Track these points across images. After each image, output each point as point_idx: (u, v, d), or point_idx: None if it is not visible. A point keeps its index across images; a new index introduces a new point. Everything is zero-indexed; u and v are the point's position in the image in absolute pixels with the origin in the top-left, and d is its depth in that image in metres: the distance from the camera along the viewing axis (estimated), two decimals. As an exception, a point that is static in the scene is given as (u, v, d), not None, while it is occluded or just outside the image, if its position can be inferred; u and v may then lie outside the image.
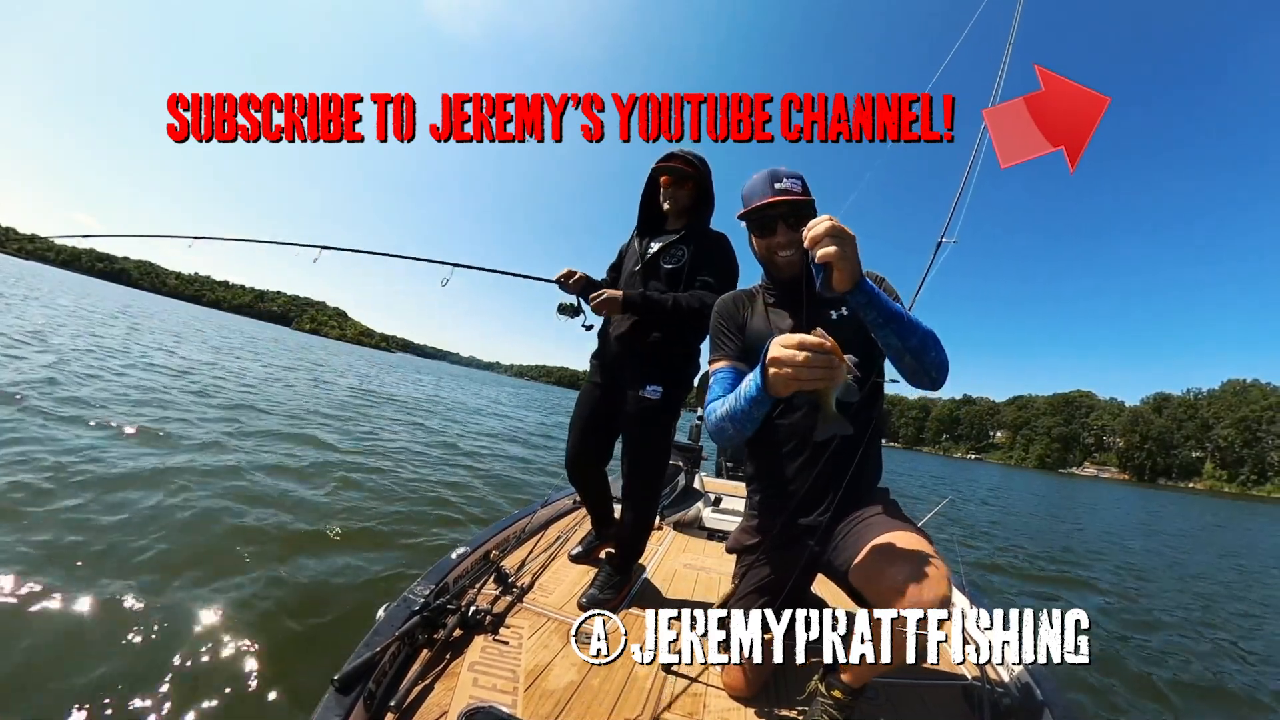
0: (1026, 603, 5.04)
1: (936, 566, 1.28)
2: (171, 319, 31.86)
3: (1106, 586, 6.18)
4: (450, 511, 4.70)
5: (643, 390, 2.09)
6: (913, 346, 1.36)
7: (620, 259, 2.41)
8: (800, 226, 1.40)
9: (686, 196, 2.16)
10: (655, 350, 2.11)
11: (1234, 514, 29.43)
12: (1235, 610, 5.96)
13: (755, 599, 1.65)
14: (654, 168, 2.19)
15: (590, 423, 2.29)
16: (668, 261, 2.14)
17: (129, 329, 16.68)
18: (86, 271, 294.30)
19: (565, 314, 2.32)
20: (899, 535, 1.40)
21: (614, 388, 2.23)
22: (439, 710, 1.37)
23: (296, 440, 6.14)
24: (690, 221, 2.19)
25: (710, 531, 3.54)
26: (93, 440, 4.40)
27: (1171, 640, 4.44)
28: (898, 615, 1.20)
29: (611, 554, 2.27)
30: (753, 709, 1.60)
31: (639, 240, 2.27)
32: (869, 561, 1.40)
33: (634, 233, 2.34)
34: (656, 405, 2.11)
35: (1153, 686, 3.42)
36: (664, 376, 2.12)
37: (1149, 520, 17.71)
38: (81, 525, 2.95)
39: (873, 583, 1.36)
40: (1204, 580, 7.61)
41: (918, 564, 1.30)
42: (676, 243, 2.15)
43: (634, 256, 2.24)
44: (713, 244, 2.17)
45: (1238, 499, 71.05)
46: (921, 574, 1.27)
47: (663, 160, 2.16)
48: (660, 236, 2.21)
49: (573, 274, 2.27)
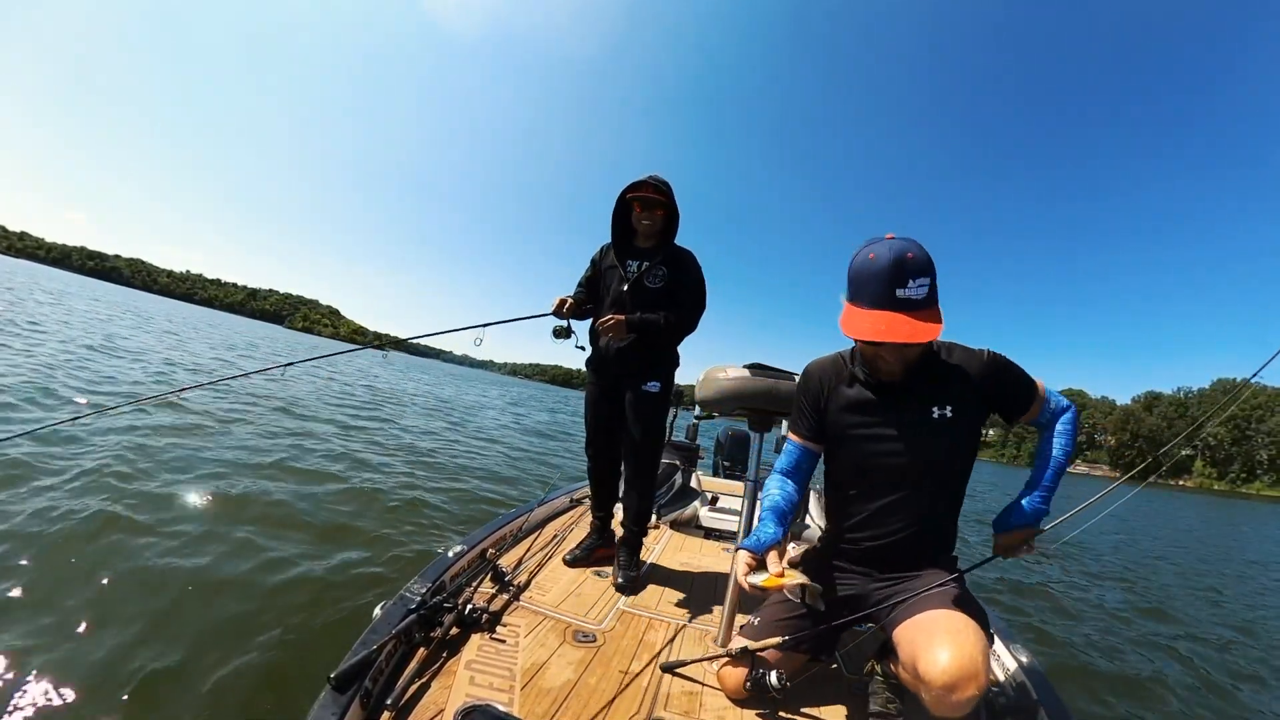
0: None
1: (979, 674, 1.26)
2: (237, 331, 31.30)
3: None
4: (446, 512, 4.69)
5: (645, 386, 2.50)
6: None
7: (595, 270, 2.67)
8: (913, 344, 1.45)
9: (659, 220, 2.49)
10: (653, 356, 2.53)
11: (1246, 514, 29.59)
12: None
13: (784, 609, 1.68)
14: (624, 194, 2.48)
15: (600, 414, 2.64)
16: (651, 282, 2.49)
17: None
18: (77, 270, 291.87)
19: (560, 337, 2.62)
20: (951, 617, 1.39)
21: (614, 386, 2.57)
22: (435, 709, 1.37)
23: (300, 436, 6.12)
24: (662, 242, 2.54)
25: (707, 530, 3.54)
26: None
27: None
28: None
29: (622, 535, 2.59)
30: (748, 709, 1.60)
31: (619, 261, 2.55)
32: (913, 634, 1.40)
33: (609, 250, 2.62)
34: (656, 396, 2.52)
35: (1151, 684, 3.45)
36: (661, 374, 2.53)
37: (1158, 520, 17.80)
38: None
39: (912, 662, 1.36)
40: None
41: (961, 654, 1.28)
42: (657, 264, 2.49)
43: (618, 278, 2.53)
44: (685, 265, 2.53)
45: (1227, 496, 71.65)
46: (961, 668, 1.26)
47: (632, 189, 2.46)
48: (637, 256, 2.53)
49: (564, 301, 2.58)
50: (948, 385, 1.55)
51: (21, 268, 78.23)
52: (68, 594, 2.35)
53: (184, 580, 2.61)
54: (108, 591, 2.44)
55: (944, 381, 1.56)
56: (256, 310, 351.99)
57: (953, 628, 1.34)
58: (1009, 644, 1.93)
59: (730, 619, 1.97)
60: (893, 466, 1.57)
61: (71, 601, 2.31)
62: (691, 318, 2.50)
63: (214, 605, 2.47)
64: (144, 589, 2.49)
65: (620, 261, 2.54)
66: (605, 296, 2.56)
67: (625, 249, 2.57)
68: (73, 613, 2.23)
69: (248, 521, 3.44)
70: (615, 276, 2.54)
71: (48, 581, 2.41)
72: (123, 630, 2.18)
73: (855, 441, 1.63)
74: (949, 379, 1.56)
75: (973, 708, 1.26)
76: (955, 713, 1.26)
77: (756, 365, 2.88)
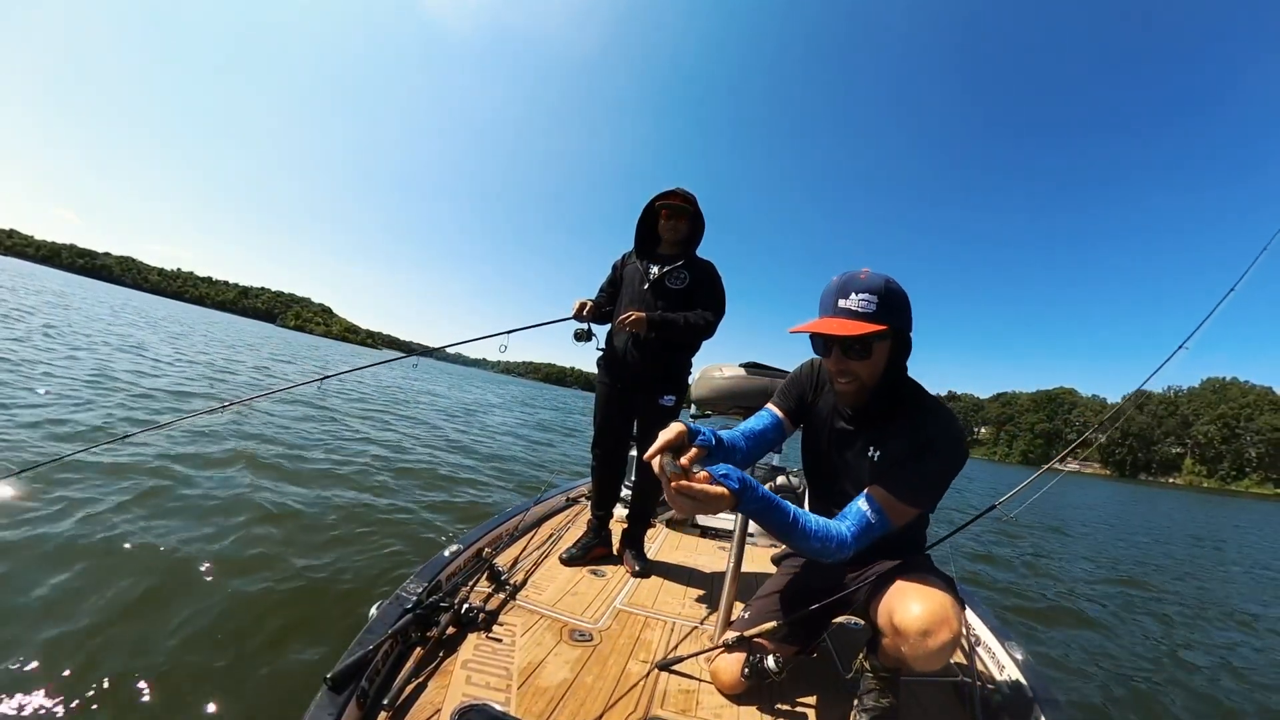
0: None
1: (951, 619, 1.34)
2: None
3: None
4: (442, 511, 4.68)
5: (661, 399, 2.57)
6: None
7: (616, 274, 2.76)
8: (862, 358, 1.44)
9: (685, 229, 2.61)
10: (669, 368, 2.59)
11: (1243, 512, 29.93)
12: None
13: (773, 601, 1.74)
14: (653, 201, 2.60)
15: (610, 415, 2.70)
16: (673, 283, 2.57)
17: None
18: (67, 267, 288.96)
19: (581, 340, 2.70)
20: (920, 578, 1.47)
21: (626, 389, 2.63)
22: (432, 708, 1.36)
23: (295, 437, 6.09)
24: (686, 249, 2.65)
25: (703, 529, 3.54)
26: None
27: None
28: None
29: (628, 531, 2.72)
30: (744, 706, 1.61)
31: (641, 262, 2.64)
32: (888, 600, 1.46)
33: (632, 254, 2.72)
34: (671, 409, 2.60)
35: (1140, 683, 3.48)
36: (675, 389, 2.62)
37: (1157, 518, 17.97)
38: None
39: (889, 621, 1.42)
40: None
41: (932, 603, 1.36)
42: (679, 268, 2.58)
43: (639, 277, 2.61)
44: (706, 273, 2.62)
45: (1216, 494, 72.37)
46: (933, 614, 1.34)
47: (662, 197, 2.58)
48: (660, 260, 2.62)
49: (584, 304, 2.67)
50: (888, 429, 1.54)
51: (10, 265, 77.40)
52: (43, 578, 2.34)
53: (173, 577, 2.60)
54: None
55: (889, 424, 1.54)
56: (248, 309, 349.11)
57: (922, 584, 1.43)
58: (1004, 641, 1.94)
59: (726, 616, 1.98)
60: (838, 491, 1.63)
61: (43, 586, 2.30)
62: (710, 322, 2.56)
63: (204, 603, 2.45)
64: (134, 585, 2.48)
65: (643, 264, 2.63)
66: (625, 295, 2.64)
67: (649, 254, 2.66)
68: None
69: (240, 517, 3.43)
70: (637, 276, 2.62)
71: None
72: (123, 628, 2.17)
73: (811, 448, 1.74)
74: (893, 424, 1.54)
75: (949, 653, 1.33)
76: (935, 660, 1.33)
77: (752, 364, 2.89)
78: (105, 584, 2.46)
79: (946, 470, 1.46)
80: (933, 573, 1.53)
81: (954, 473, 1.48)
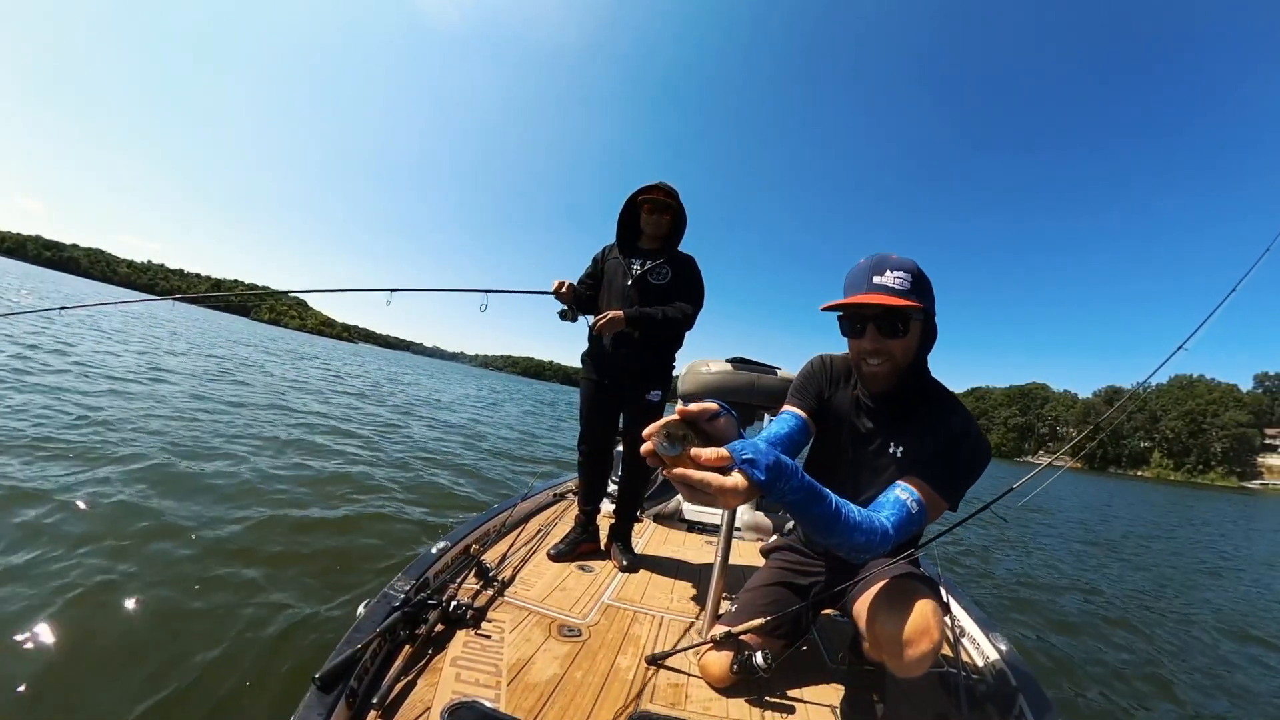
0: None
1: (931, 629, 1.33)
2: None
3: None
4: (440, 511, 4.64)
5: (648, 395, 2.60)
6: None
7: (597, 267, 2.75)
8: (897, 335, 1.39)
9: (666, 224, 2.63)
10: (655, 365, 2.63)
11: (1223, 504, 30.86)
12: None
13: (760, 594, 1.76)
14: (634, 196, 2.61)
15: (596, 411, 2.71)
16: (655, 279, 2.59)
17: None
18: (33, 260, 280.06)
19: (566, 319, 2.69)
20: (901, 583, 1.47)
21: (612, 385, 2.64)
22: (422, 706, 1.35)
23: (289, 435, 5.98)
24: (667, 245, 2.67)
25: (690, 524, 3.55)
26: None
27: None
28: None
29: (616, 527, 2.75)
30: (733, 698, 1.62)
31: (623, 258, 2.65)
32: (868, 605, 1.47)
33: (613, 248, 2.73)
34: (658, 405, 2.64)
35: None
36: (660, 384, 2.64)
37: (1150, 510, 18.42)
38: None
39: (870, 628, 1.43)
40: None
41: (911, 613, 1.35)
42: (662, 264, 2.59)
43: (622, 272, 2.62)
44: (687, 267, 2.65)
45: (1183, 486, 74.63)
46: (914, 625, 1.33)
47: (644, 191, 2.59)
48: (642, 255, 2.63)
49: (562, 284, 2.63)
50: (908, 424, 1.52)
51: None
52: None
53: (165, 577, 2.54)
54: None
55: (909, 419, 1.52)
56: (221, 302, 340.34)
57: (903, 591, 1.42)
58: (988, 632, 1.98)
59: (714, 610, 1.99)
60: (853, 491, 1.57)
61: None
62: (689, 314, 2.59)
63: (195, 602, 2.41)
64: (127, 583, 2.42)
65: (625, 259, 2.65)
66: (608, 291, 2.65)
67: (630, 248, 2.68)
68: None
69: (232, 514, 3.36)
70: (620, 271, 2.63)
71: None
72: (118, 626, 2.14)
73: (826, 446, 1.68)
74: (914, 419, 1.52)
75: (929, 663, 1.34)
76: (915, 669, 1.33)
77: (738, 359, 2.90)
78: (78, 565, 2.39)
79: (978, 466, 1.41)
80: (917, 575, 1.54)
81: (983, 470, 1.42)
